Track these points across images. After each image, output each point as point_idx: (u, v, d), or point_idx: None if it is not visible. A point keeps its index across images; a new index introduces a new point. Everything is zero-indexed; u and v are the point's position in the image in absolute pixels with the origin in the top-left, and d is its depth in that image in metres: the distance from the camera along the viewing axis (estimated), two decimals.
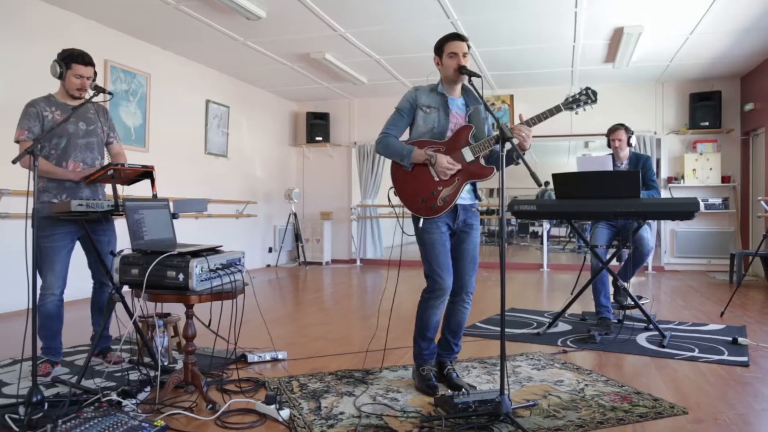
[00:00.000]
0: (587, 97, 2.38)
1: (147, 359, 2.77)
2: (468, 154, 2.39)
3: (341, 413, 2.18)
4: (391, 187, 2.49)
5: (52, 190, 2.68)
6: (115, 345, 3.09)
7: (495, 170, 2.40)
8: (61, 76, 2.67)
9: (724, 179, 7.05)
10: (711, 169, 7.01)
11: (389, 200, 2.48)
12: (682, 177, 7.17)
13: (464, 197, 2.46)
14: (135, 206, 2.28)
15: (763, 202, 5.92)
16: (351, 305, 4.72)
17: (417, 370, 2.51)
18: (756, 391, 2.46)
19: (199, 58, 6.40)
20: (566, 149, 12.36)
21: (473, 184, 2.52)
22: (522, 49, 5.96)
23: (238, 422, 2.12)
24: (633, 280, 6.53)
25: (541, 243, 8.22)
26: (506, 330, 3.66)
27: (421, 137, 2.45)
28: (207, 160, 6.79)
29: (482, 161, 2.44)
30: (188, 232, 6.30)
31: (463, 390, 2.30)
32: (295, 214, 8.15)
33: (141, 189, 3.31)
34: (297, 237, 8.21)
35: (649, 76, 7.09)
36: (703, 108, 6.98)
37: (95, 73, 2.77)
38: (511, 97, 7.88)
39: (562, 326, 3.85)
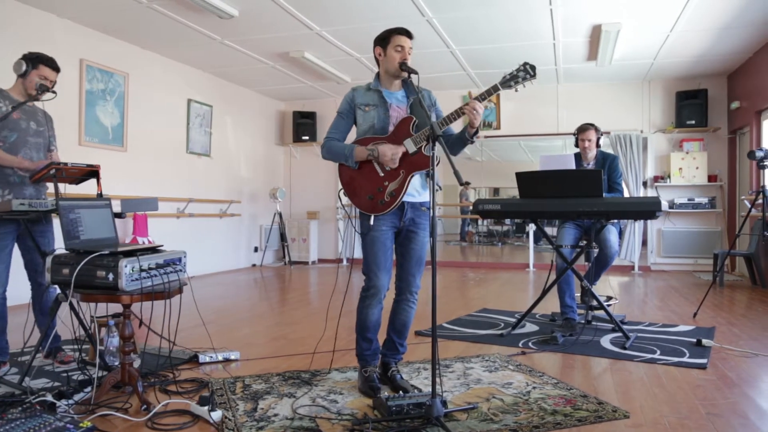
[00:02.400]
0: (525, 72, 2.28)
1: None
2: (410, 146, 2.34)
3: (275, 415, 2.15)
4: (340, 189, 2.47)
5: None
6: (65, 345, 3.07)
7: (439, 160, 2.31)
8: (24, 75, 2.68)
9: (711, 178, 6.97)
10: (697, 168, 6.94)
11: (340, 201, 2.46)
12: (669, 176, 7.09)
13: (413, 194, 2.41)
14: (70, 206, 2.26)
15: (746, 201, 5.85)
16: (324, 305, 4.69)
17: (360, 372, 2.48)
18: (705, 394, 2.41)
19: (180, 58, 6.39)
20: (560, 149, 12.28)
21: (425, 176, 2.44)
22: (502, 47, 5.91)
23: (169, 423, 2.09)
24: (614, 280, 6.47)
25: (535, 243, 8.12)
26: (471, 331, 3.66)
27: (363, 135, 2.43)
28: (189, 160, 6.78)
29: (428, 150, 2.34)
30: (168, 232, 6.30)
31: (400, 392, 2.26)
32: (280, 214, 8.13)
33: (130, 189, 3.27)
34: (282, 236, 8.19)
35: (635, 75, 7.02)
36: (690, 106, 6.91)
37: (55, 82, 2.78)
38: (497, 96, 7.82)
39: (529, 327, 3.80)
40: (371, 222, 2.38)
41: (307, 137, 8.46)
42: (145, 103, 6.03)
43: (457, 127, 2.44)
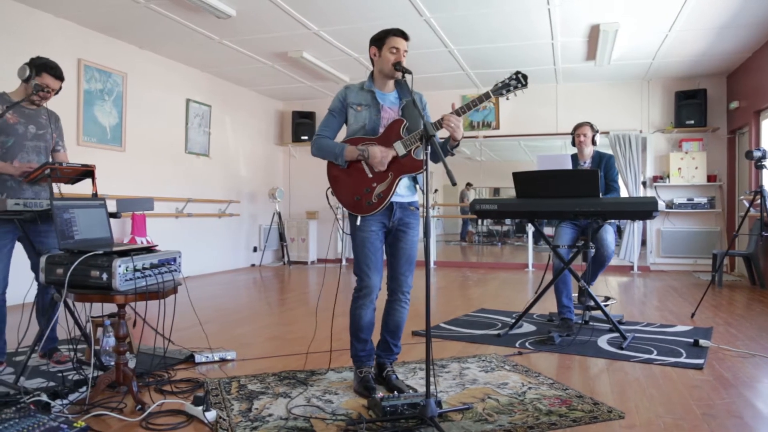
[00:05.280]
0: (517, 81, 2.32)
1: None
2: (400, 148, 2.35)
3: (270, 415, 2.15)
4: (328, 188, 2.46)
5: None
6: (62, 345, 3.07)
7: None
8: (27, 80, 2.68)
9: (710, 178, 6.96)
10: (696, 168, 6.93)
11: (328, 200, 2.45)
12: (668, 176, 7.08)
13: (401, 194, 2.42)
14: (64, 205, 2.25)
15: (744, 201, 5.84)
16: (320, 305, 4.68)
17: (355, 373, 2.48)
18: (701, 395, 2.41)
19: (178, 58, 6.39)
20: (559, 149, 12.27)
21: (413, 179, 2.47)
22: (501, 47, 5.91)
23: (163, 423, 2.09)
24: (614, 280, 6.46)
25: (536, 243, 8.10)
26: (468, 331, 3.66)
27: (354, 135, 2.42)
28: (188, 160, 6.78)
29: (420, 154, 2.37)
30: (167, 231, 6.30)
31: (395, 392, 2.26)
32: (279, 214, 8.13)
33: (129, 189, 3.23)
34: (281, 236, 8.19)
35: (635, 74, 7.01)
36: (689, 106, 6.90)
37: (60, 87, 2.78)
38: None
39: (526, 327, 3.80)
40: (358, 222, 2.39)
41: (306, 137, 8.46)
42: (144, 103, 6.03)
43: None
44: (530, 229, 8.00)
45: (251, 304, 4.98)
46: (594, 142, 3.85)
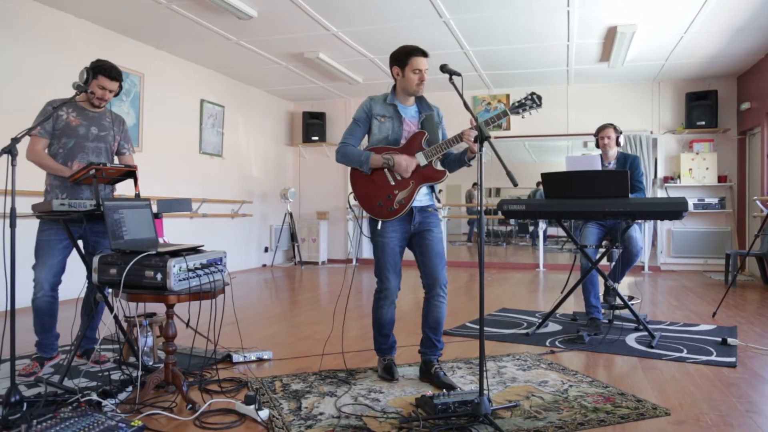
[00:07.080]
0: (533, 101, 2.47)
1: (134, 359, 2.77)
2: (421, 159, 2.50)
3: (321, 414, 2.17)
4: (350, 192, 2.60)
5: (56, 189, 2.73)
6: (101, 344, 3.08)
7: (447, 173, 2.55)
8: (86, 83, 2.71)
9: (721, 179, 7.02)
10: (707, 168, 6.98)
11: (349, 204, 2.62)
12: (679, 177, 7.14)
13: (420, 200, 2.56)
14: (114, 206, 2.27)
15: (758, 202, 5.90)
16: (342, 305, 4.71)
17: (379, 360, 2.67)
18: (741, 392, 2.44)
19: (194, 58, 6.40)
20: (564, 149, 12.32)
21: (430, 187, 2.62)
22: (516, 48, 5.94)
23: (217, 422, 2.11)
24: (628, 280, 6.51)
25: (542, 243, 8.16)
26: (495, 330, 3.69)
27: (377, 144, 2.56)
28: (202, 160, 6.79)
29: (438, 165, 2.56)
30: (182, 232, 6.31)
31: (443, 391, 2.29)
32: (290, 214, 8.15)
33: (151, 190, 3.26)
34: (292, 236, 8.21)
35: (645, 75, 7.07)
36: (700, 107, 6.95)
37: (120, 87, 2.82)
38: (507, 96, 7.86)
39: (552, 326, 3.83)
40: (379, 227, 2.53)
41: (316, 138, 8.48)
42: (160, 104, 6.04)
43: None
44: (540, 229, 8.05)
45: (272, 304, 5.00)
46: (618, 143, 3.88)
